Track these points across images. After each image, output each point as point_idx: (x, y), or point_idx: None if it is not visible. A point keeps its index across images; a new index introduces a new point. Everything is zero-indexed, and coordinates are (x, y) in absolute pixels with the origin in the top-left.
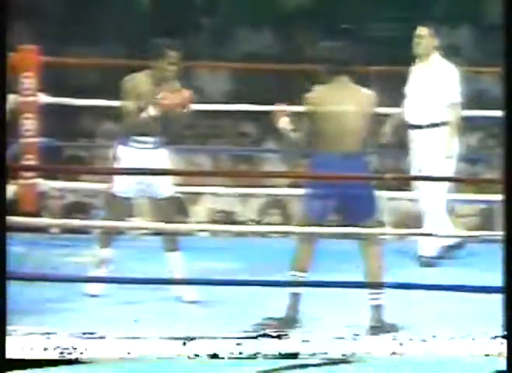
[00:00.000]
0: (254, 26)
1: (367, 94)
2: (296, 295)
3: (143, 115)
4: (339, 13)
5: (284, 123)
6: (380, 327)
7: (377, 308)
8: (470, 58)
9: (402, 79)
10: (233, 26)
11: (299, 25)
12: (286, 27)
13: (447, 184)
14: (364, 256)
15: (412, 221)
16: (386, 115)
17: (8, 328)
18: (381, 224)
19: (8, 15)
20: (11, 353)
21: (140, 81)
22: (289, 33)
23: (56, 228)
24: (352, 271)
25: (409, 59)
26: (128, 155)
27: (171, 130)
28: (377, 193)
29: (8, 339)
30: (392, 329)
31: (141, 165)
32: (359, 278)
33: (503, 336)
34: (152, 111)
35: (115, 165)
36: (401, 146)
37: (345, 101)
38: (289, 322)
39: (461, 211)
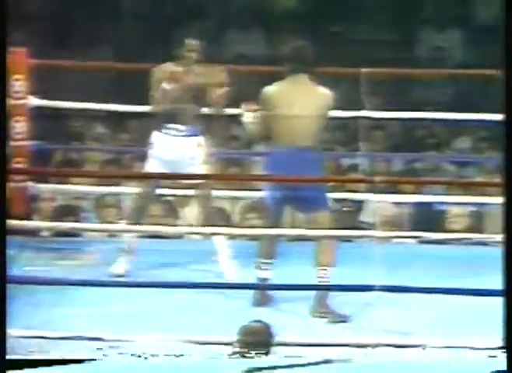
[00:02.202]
0: (243, 28)
1: (324, 93)
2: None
3: (159, 92)
4: (327, 15)
5: (247, 117)
6: (325, 313)
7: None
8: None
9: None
10: (224, 28)
11: (290, 27)
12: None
13: None
14: (316, 249)
15: None
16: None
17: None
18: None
19: (6, 17)
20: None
21: (166, 69)
22: (279, 34)
23: (46, 231)
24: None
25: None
26: (159, 141)
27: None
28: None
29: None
30: (340, 317)
31: (170, 152)
32: None
33: (503, 337)
34: (166, 86)
35: (149, 151)
36: None
37: (299, 97)
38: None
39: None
